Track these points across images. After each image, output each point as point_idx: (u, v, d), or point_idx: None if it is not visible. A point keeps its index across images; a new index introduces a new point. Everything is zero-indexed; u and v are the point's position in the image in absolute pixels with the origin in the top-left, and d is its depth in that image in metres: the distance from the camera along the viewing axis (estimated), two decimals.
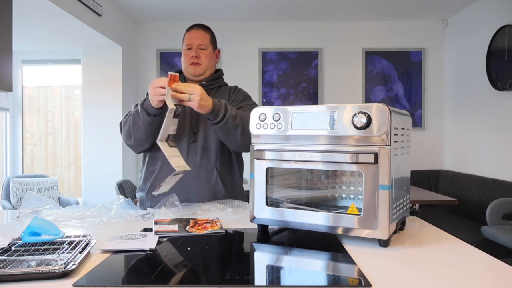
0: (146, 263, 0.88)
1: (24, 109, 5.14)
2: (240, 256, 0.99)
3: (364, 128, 0.96)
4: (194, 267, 0.86)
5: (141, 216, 1.33)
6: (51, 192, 4.48)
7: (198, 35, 1.64)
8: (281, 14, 4.46)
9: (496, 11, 3.71)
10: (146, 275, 0.80)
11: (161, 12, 4.37)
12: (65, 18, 3.31)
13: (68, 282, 0.74)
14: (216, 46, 1.72)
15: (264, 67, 4.71)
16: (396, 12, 4.37)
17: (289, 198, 1.19)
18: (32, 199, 1.32)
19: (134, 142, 1.56)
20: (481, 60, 3.87)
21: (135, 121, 1.51)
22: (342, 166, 1.00)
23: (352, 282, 0.77)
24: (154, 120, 1.47)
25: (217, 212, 1.37)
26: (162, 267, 0.84)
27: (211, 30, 1.70)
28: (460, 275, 0.80)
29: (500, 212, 2.94)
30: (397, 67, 4.67)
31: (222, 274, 0.82)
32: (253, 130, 1.11)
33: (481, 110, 3.95)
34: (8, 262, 0.80)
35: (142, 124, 1.48)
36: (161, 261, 0.88)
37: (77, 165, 5.42)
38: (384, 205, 0.95)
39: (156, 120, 1.47)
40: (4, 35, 2.06)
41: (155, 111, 1.45)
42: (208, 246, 1.01)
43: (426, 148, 4.64)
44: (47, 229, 0.94)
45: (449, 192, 4.10)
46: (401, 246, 0.99)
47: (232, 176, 1.63)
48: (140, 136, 1.52)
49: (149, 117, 1.46)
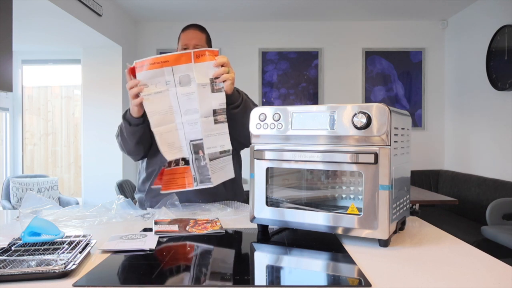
0: (146, 263, 0.88)
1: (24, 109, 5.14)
2: (240, 256, 0.99)
3: (364, 128, 0.96)
4: (194, 267, 0.86)
5: (141, 216, 1.33)
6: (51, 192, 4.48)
7: (194, 35, 1.64)
8: (281, 14, 4.46)
9: (496, 11, 3.71)
10: (146, 275, 0.80)
11: (161, 12, 4.37)
12: (65, 18, 3.31)
13: (68, 282, 0.74)
14: (211, 46, 1.72)
15: (264, 67, 4.71)
16: (396, 12, 4.37)
17: (289, 198, 1.19)
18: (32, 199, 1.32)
19: (127, 154, 1.57)
20: (481, 60, 3.87)
21: (122, 134, 1.51)
22: (342, 166, 1.00)
23: (352, 282, 0.77)
24: (136, 130, 1.45)
25: (217, 212, 1.37)
26: (162, 267, 0.84)
27: (206, 31, 1.69)
28: (460, 275, 0.80)
29: (500, 212, 2.94)
30: (397, 67, 4.67)
31: (222, 274, 0.82)
32: (253, 130, 1.11)
33: (481, 110, 3.95)
34: (8, 262, 0.80)
35: (127, 135, 1.48)
36: (161, 261, 0.88)
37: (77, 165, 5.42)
38: (384, 205, 0.95)
39: (139, 129, 1.44)
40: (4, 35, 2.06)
41: (136, 121, 1.43)
42: (208, 246, 1.01)
43: (426, 148, 4.64)
44: (47, 229, 0.94)
45: (449, 192, 4.10)
46: (401, 246, 0.99)
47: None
48: (129, 148, 1.52)
49: (130, 127, 1.45)
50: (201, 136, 1.37)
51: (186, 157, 1.39)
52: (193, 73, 1.34)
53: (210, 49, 1.37)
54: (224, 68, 1.36)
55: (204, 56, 1.36)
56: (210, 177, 1.38)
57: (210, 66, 1.36)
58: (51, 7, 3.03)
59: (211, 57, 1.36)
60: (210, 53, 1.36)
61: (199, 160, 1.38)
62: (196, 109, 1.36)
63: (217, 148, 1.38)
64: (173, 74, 1.35)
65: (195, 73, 1.34)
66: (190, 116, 1.36)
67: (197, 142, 1.38)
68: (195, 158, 1.38)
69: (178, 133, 1.37)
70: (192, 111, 1.36)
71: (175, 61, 1.34)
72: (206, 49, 1.38)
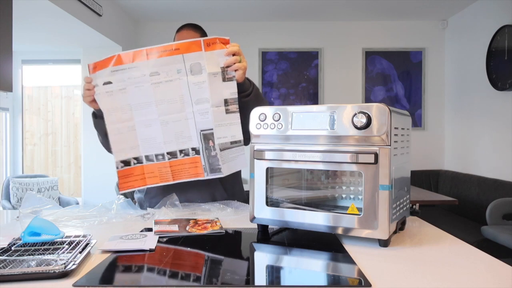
0: (146, 263, 0.88)
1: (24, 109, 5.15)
2: (240, 256, 0.99)
3: (364, 128, 0.96)
4: (194, 267, 0.86)
5: (141, 216, 1.33)
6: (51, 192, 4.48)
7: (186, 35, 1.62)
8: (281, 14, 4.46)
9: (496, 11, 3.71)
10: (146, 275, 0.80)
11: (161, 12, 4.37)
12: (65, 18, 3.31)
13: (68, 282, 0.74)
14: None
15: (264, 67, 4.71)
16: (396, 12, 4.37)
17: (289, 198, 1.19)
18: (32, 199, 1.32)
19: (106, 149, 1.53)
20: (481, 60, 3.87)
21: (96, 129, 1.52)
22: (342, 166, 1.00)
23: (352, 282, 0.77)
24: (101, 122, 1.44)
25: (217, 212, 1.37)
26: (162, 267, 0.84)
27: (202, 29, 1.67)
28: (460, 275, 0.80)
29: (500, 212, 2.94)
30: (397, 67, 4.67)
31: (222, 274, 0.82)
32: (253, 130, 1.10)
33: (481, 110, 3.95)
34: (8, 262, 0.80)
35: (95, 128, 1.49)
36: (161, 261, 0.88)
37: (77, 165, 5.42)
38: (384, 205, 0.95)
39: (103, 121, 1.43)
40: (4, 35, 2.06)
41: (99, 112, 1.44)
42: (208, 246, 1.01)
43: (426, 148, 4.65)
44: (47, 229, 0.94)
45: (449, 192, 4.10)
46: (401, 246, 0.99)
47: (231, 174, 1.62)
48: (102, 142, 1.52)
49: (96, 119, 1.47)
50: (211, 126, 1.36)
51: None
52: (204, 61, 1.33)
53: (221, 37, 1.36)
54: (235, 57, 1.35)
55: (215, 44, 1.34)
56: (221, 167, 1.37)
57: (221, 54, 1.35)
58: (51, 7, 3.03)
59: (221, 46, 1.35)
60: (221, 41, 1.35)
61: (209, 150, 1.37)
62: (207, 99, 1.35)
63: (228, 138, 1.37)
64: (184, 62, 1.34)
65: (206, 61, 1.33)
66: (201, 106, 1.35)
67: (207, 132, 1.37)
68: (205, 148, 1.37)
69: (188, 123, 1.36)
70: (203, 100, 1.35)
71: (186, 49, 1.33)
72: (216, 37, 1.36)
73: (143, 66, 1.36)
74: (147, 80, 1.36)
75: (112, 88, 1.38)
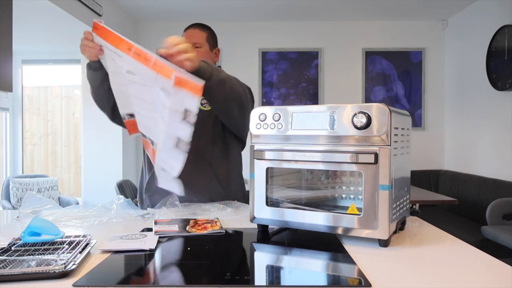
0: (146, 263, 0.88)
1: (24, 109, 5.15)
2: (240, 256, 0.99)
3: (364, 128, 0.96)
4: (194, 267, 0.86)
5: (141, 216, 1.33)
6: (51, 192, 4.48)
7: (193, 34, 1.65)
8: (281, 14, 4.46)
9: (496, 11, 3.71)
10: (146, 275, 0.80)
11: (161, 12, 4.37)
12: (65, 18, 3.31)
13: (68, 282, 0.74)
14: (214, 44, 1.71)
15: (264, 67, 4.71)
16: (396, 12, 4.37)
17: (289, 198, 1.19)
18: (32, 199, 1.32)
19: (97, 105, 1.50)
20: (481, 60, 3.87)
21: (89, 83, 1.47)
22: (342, 166, 1.00)
23: (352, 282, 0.77)
24: (95, 74, 1.40)
25: (217, 212, 1.37)
26: (162, 267, 0.84)
27: (210, 29, 1.69)
28: (460, 275, 0.80)
29: (500, 212, 2.94)
30: (397, 67, 4.67)
31: (222, 274, 0.82)
32: (253, 130, 1.11)
33: (481, 110, 3.95)
34: (8, 262, 0.80)
35: (88, 79, 1.44)
36: (161, 261, 0.88)
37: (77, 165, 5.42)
38: (384, 205, 0.95)
39: (98, 74, 1.39)
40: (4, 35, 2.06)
41: (94, 65, 1.38)
42: (208, 246, 1.01)
43: (426, 148, 4.65)
44: (47, 229, 0.94)
45: (449, 192, 4.10)
46: (401, 246, 0.99)
47: (227, 171, 1.61)
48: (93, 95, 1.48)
49: (90, 70, 1.41)
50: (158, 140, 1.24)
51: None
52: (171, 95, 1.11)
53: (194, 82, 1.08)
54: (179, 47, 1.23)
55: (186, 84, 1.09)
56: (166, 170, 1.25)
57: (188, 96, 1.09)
58: (51, 7, 3.03)
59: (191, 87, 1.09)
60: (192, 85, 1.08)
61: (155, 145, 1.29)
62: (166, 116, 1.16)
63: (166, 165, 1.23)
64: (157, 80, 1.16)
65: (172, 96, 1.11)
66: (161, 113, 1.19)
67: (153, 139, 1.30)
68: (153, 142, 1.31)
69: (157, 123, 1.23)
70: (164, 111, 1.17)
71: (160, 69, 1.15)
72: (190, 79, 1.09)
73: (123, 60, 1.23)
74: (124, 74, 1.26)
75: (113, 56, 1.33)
